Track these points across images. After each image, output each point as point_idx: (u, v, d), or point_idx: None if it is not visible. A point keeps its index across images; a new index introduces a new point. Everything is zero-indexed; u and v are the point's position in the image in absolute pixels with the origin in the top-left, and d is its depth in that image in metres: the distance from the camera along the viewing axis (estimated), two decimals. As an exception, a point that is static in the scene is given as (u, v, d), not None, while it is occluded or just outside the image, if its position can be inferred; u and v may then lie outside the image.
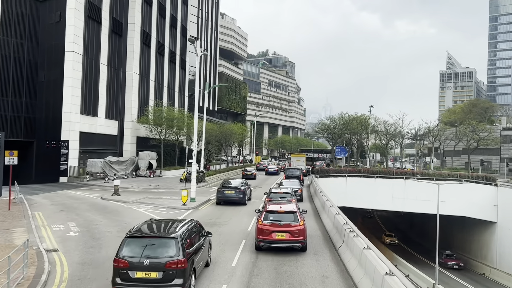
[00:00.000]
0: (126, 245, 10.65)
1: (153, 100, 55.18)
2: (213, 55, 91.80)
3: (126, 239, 10.81)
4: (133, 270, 10.25)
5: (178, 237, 10.81)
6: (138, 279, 10.24)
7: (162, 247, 10.69)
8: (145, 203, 27.67)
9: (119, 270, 10.35)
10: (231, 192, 28.88)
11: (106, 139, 48.44)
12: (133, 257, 10.38)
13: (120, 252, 10.54)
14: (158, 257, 10.44)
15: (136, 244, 10.69)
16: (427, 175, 43.05)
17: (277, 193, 24.21)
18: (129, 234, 11.02)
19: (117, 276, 10.37)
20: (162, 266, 10.27)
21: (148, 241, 10.87)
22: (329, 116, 53.55)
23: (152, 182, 42.73)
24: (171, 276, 10.28)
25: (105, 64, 47.16)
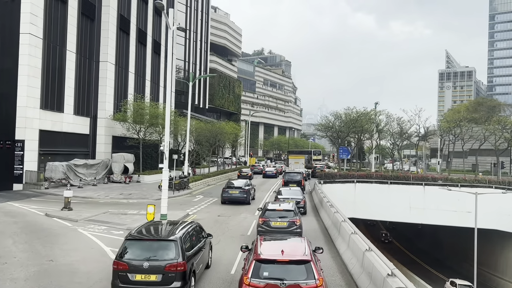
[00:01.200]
0: (127, 246, 10.62)
1: (132, 95, 48.41)
2: (203, 49, 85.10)
3: (126, 241, 10.78)
4: (132, 273, 10.15)
5: (178, 240, 10.75)
6: (137, 282, 10.16)
7: (162, 249, 10.62)
8: (100, 221, 21.02)
9: (118, 273, 10.24)
10: (236, 192, 30.06)
11: (75, 139, 41.66)
12: (133, 259, 10.28)
13: (119, 254, 10.46)
14: (158, 259, 10.36)
15: (136, 247, 10.65)
16: (450, 181, 36.68)
17: (275, 211, 17.49)
18: (129, 237, 10.96)
19: (117, 279, 10.26)
20: (161, 269, 10.20)
21: (148, 243, 10.87)
22: (334, 112, 47.11)
23: (125, 190, 36.05)
24: (171, 279, 10.20)
25: (73, 51, 40.40)
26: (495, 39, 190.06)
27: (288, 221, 16.61)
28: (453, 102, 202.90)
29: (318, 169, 60.26)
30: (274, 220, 16.68)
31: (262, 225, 16.64)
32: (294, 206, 18.24)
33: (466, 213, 35.41)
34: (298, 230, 16.53)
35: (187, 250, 10.91)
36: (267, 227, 16.46)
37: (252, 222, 22.05)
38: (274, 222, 16.55)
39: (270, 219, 16.71)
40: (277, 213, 17.14)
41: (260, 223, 16.81)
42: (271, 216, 16.97)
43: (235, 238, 18.33)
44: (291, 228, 16.42)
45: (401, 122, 47.14)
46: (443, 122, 50.87)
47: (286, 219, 16.70)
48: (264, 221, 16.74)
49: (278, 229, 16.37)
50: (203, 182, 43.66)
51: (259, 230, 16.53)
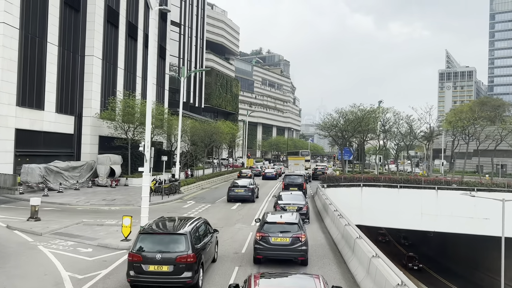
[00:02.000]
0: (140, 241, 11.22)
1: (121, 92, 45.18)
2: (199, 45, 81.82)
3: (140, 235, 11.39)
4: (146, 264, 10.76)
5: (188, 234, 11.39)
6: (150, 272, 10.75)
7: (173, 242, 11.28)
8: (68, 235, 17.83)
9: (133, 264, 10.87)
10: (241, 190, 31.34)
11: (57, 139, 38.45)
12: (146, 251, 10.92)
13: (134, 247, 11.12)
14: (169, 252, 10.99)
15: (149, 240, 11.30)
16: (465, 184, 33.60)
17: (275, 224, 14.43)
18: (143, 231, 11.70)
19: (132, 269, 10.88)
20: (173, 260, 10.80)
21: (160, 237, 11.59)
22: (338, 109, 43.81)
23: (110, 195, 32.85)
24: (181, 270, 10.77)
25: (55, 44, 37.22)
26: (495, 38, 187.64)
27: (291, 236, 13.81)
28: (453, 102, 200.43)
29: (319, 171, 57.21)
30: (275, 235, 13.88)
31: (259, 242, 13.87)
32: (298, 218, 15.20)
33: (483, 220, 32.37)
34: (303, 247, 13.80)
35: (196, 243, 11.65)
36: (265, 243, 13.76)
37: (248, 235, 18.93)
38: (275, 238, 13.81)
39: (269, 234, 13.90)
40: (278, 227, 14.21)
41: (258, 238, 13.98)
42: (271, 230, 14.08)
43: (227, 258, 15.20)
44: (294, 245, 13.70)
45: (411, 120, 43.97)
46: (452, 121, 47.52)
47: (289, 234, 13.87)
48: (262, 237, 13.92)
49: (279, 246, 13.74)
50: (197, 185, 40.50)
51: (256, 248, 13.88)
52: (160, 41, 58.04)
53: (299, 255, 13.79)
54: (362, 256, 12.51)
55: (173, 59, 70.21)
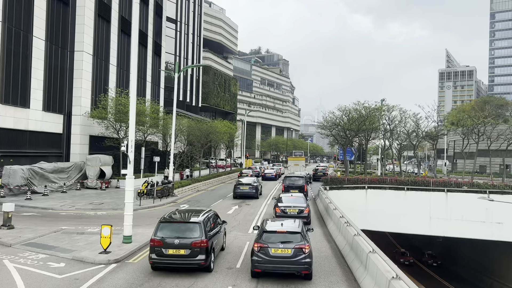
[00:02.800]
0: (160, 229, 12.96)
1: (114, 89, 43.13)
2: (196, 43, 79.73)
3: (160, 224, 13.14)
4: (166, 248, 12.49)
5: (201, 222, 13.10)
6: (170, 255, 12.51)
7: (189, 230, 12.95)
8: (42, 246, 15.81)
9: (154, 248, 12.61)
10: (246, 188, 33.66)
11: (44, 139, 36.46)
12: (166, 237, 12.65)
13: (155, 234, 12.82)
14: (186, 237, 12.67)
15: (168, 228, 13.05)
16: (476, 186, 31.64)
17: (275, 233, 12.77)
18: (163, 220, 13.48)
19: (153, 253, 12.61)
20: (189, 245, 12.49)
21: (178, 225, 13.29)
22: (341, 107, 41.70)
23: (98, 198, 30.85)
24: (196, 253, 12.49)
25: (41, 38, 35.21)
26: (495, 38, 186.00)
27: (294, 247, 12.25)
28: (453, 102, 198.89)
29: (320, 172, 55.26)
30: (275, 246, 12.32)
31: (258, 253, 12.32)
32: (301, 226, 13.51)
33: (496, 224, 30.44)
34: (307, 260, 12.21)
35: (208, 231, 13.25)
36: (264, 255, 12.23)
37: (245, 245, 16.92)
38: (275, 249, 12.28)
39: (269, 245, 12.35)
40: (278, 236, 12.61)
41: (256, 249, 12.42)
42: (271, 240, 12.50)
43: (218, 275, 13.19)
44: (297, 258, 12.17)
45: (418, 118, 41.90)
46: (462, 119, 45.34)
47: (291, 245, 12.31)
48: (260, 248, 12.35)
49: (280, 259, 12.21)
50: (192, 187, 38.50)
51: (254, 260, 12.32)
52: (155, 37, 56.03)
53: (302, 269, 12.27)
54: (379, 275, 10.52)
55: (169, 57, 68.21)
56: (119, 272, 13.06)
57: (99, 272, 12.95)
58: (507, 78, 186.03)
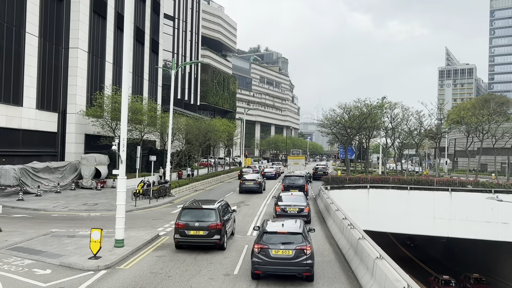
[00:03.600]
0: (183, 214, 15.73)
1: (109, 87, 42.21)
2: (194, 40, 78.72)
3: (183, 210, 16.04)
4: (188, 229, 15.31)
5: (217, 209, 15.97)
6: (191, 235, 15.33)
7: (206, 215, 15.75)
8: (29, 251, 14.96)
9: (178, 229, 15.41)
10: (251, 183, 36.29)
11: (38, 138, 35.60)
12: (188, 221, 15.42)
13: (179, 218, 15.57)
14: (204, 221, 15.44)
15: (189, 213, 15.84)
16: (480, 185, 30.82)
17: (276, 234, 12.48)
18: (185, 207, 16.46)
19: (177, 233, 15.44)
20: (206, 227, 15.28)
21: (197, 211, 16.19)
22: (342, 104, 40.77)
23: (93, 198, 30.02)
24: (212, 234, 15.24)
25: (34, 34, 34.30)
26: (495, 35, 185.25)
27: (295, 248, 12.00)
28: (453, 100, 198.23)
29: (320, 170, 54.47)
30: (276, 247, 12.06)
31: (258, 255, 12.06)
32: (303, 226, 13.26)
33: (502, 224, 29.65)
34: (308, 261, 11.94)
35: (222, 216, 15.97)
36: (265, 257, 11.99)
37: (243, 249, 16.11)
38: (276, 251, 12.03)
39: (269, 246, 12.09)
40: (279, 237, 12.32)
41: (256, 251, 12.14)
42: (271, 241, 12.23)
43: (215, 283, 12.36)
44: (298, 259, 11.91)
45: (421, 116, 41.01)
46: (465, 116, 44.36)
47: (292, 246, 12.05)
48: (261, 249, 12.08)
49: (281, 260, 11.96)
50: (189, 187, 37.66)
51: (255, 261, 12.08)
52: (152, 34, 55.12)
53: (303, 270, 11.99)
54: (387, 285, 9.70)
55: (167, 55, 67.24)
56: (108, 279, 12.23)
57: (87, 279, 12.12)
58: (507, 76, 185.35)
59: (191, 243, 15.51)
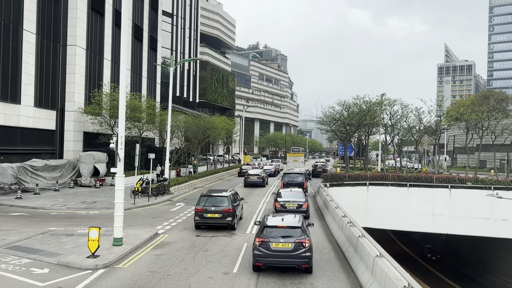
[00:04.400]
0: (201, 201, 19.13)
1: (108, 85, 42.08)
2: (193, 37, 78.48)
3: (201, 197, 19.46)
4: (206, 213, 18.76)
5: (229, 196, 19.61)
6: (208, 218, 18.82)
7: (220, 201, 19.15)
8: (27, 249, 14.87)
9: (198, 213, 18.91)
10: (254, 178, 39.39)
11: (37, 136, 35.47)
12: (206, 206, 18.88)
13: (198, 204, 19.06)
14: (219, 206, 18.93)
15: (206, 200, 19.17)
16: (480, 182, 30.77)
17: (276, 228, 13.06)
18: (203, 194, 19.83)
19: (197, 216, 18.98)
20: (221, 211, 18.78)
21: (213, 198, 19.32)
22: (341, 101, 40.66)
23: (92, 196, 29.92)
24: (226, 216, 18.77)
25: (32, 32, 34.12)
26: (494, 32, 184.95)
27: (294, 241, 12.58)
28: (452, 97, 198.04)
29: (319, 168, 54.40)
30: (276, 240, 12.65)
31: (259, 248, 12.64)
32: (302, 221, 13.79)
33: (501, 221, 29.62)
34: (307, 254, 12.53)
35: (232, 202, 19.49)
36: (265, 250, 12.57)
37: (242, 247, 16.04)
38: (276, 244, 12.61)
39: (270, 239, 12.66)
40: (279, 231, 12.91)
41: (257, 244, 12.72)
42: (272, 235, 12.81)
43: (214, 282, 12.28)
44: (297, 252, 12.50)
45: (421, 112, 40.92)
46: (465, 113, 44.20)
47: (291, 239, 12.64)
48: (262, 242, 12.66)
49: (281, 253, 12.56)
50: (189, 184, 37.56)
51: (256, 254, 12.65)
52: (150, 31, 54.93)
53: (302, 262, 12.60)
54: (388, 283, 9.62)
55: (166, 52, 67.01)
56: (106, 278, 12.15)
57: (85, 279, 12.03)
58: (505, 72, 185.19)
59: (208, 223, 19.05)
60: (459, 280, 38.78)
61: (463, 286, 37.29)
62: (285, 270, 13.03)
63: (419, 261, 45.15)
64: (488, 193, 24.87)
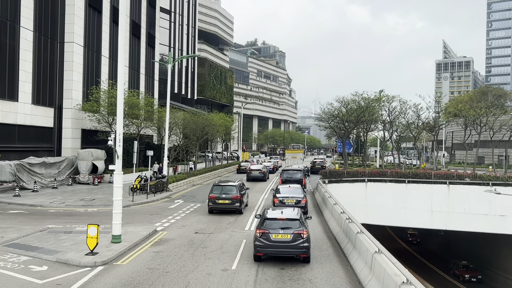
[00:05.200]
0: (214, 189, 22.98)
1: (106, 82, 41.95)
2: (191, 34, 78.27)
3: (213, 186, 23.27)
4: (217, 199, 22.47)
5: (237, 185, 23.26)
6: (219, 203, 22.54)
7: (229, 189, 22.82)
8: (25, 247, 14.86)
9: (211, 199, 22.65)
10: (257, 173, 42.27)
11: (35, 133, 35.36)
12: (217, 193, 22.63)
13: (211, 192, 22.86)
14: (228, 194, 22.59)
15: (218, 188, 22.94)
16: (478, 178, 30.82)
17: (276, 220, 13.83)
18: (215, 184, 23.68)
19: (210, 202, 22.74)
20: (230, 197, 22.42)
21: (223, 187, 22.96)
22: (339, 98, 40.59)
23: (90, 194, 29.91)
24: (234, 202, 22.41)
25: (29, 29, 33.96)
26: (492, 28, 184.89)
27: (293, 233, 13.31)
28: (450, 93, 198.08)
29: (318, 164, 54.42)
30: (275, 232, 13.39)
31: (260, 239, 13.40)
32: (300, 214, 14.52)
33: (500, 217, 29.70)
34: (305, 244, 13.27)
35: (240, 191, 23.14)
36: (266, 240, 13.32)
37: (241, 244, 16.07)
38: (275, 235, 13.35)
39: (270, 231, 13.42)
40: (279, 223, 13.68)
41: (258, 235, 13.48)
42: (272, 226, 13.57)
43: (212, 278, 12.29)
44: (296, 242, 13.23)
45: (419, 109, 40.93)
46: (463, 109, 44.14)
47: (290, 231, 13.37)
48: (262, 233, 13.42)
49: (280, 243, 13.29)
50: (187, 181, 37.56)
51: (257, 245, 13.42)
52: (148, 28, 54.73)
53: (301, 252, 13.31)
54: (386, 279, 9.64)
55: (164, 49, 66.84)
56: (105, 275, 12.14)
57: (83, 276, 12.02)
58: (503, 68, 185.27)
59: (219, 208, 22.70)
60: (456, 275, 38.93)
61: (464, 283, 37.46)
62: (284, 267, 13.06)
63: (418, 258, 45.36)
64: (487, 189, 24.92)
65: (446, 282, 38.14)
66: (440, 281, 38.28)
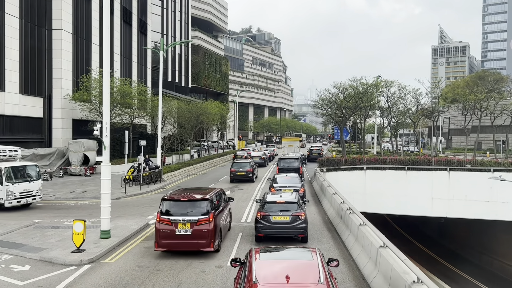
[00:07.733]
0: (234, 165, 31.93)
1: (96, 70, 40.76)
2: (184, 21, 76.64)
3: (233, 163, 33.23)
4: (236, 172, 31.27)
5: (250, 161, 33.40)
6: (238, 174, 31.35)
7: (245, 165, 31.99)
8: (9, 244, 14.02)
9: (232, 172, 31.30)
10: (257, 159, 43.90)
11: (24, 124, 34.30)
12: (236, 168, 31.48)
13: (232, 167, 31.70)
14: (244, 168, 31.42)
15: (237, 164, 32.39)
16: (479, 164, 30.15)
17: (275, 203, 14.84)
18: (234, 161, 34.71)
19: (231, 174, 31.17)
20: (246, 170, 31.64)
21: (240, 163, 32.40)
22: (337, 84, 39.58)
23: (81, 185, 29.05)
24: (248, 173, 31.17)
25: (15, 15, 32.67)
26: (488, 12, 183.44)
27: (291, 215, 14.26)
28: (446, 78, 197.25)
29: (315, 152, 53.67)
30: (275, 214, 14.34)
31: (261, 221, 14.37)
32: (298, 197, 15.53)
33: (501, 203, 29.12)
34: (303, 225, 14.26)
35: (252, 166, 32.65)
36: (266, 222, 14.28)
37: (237, 237, 15.35)
38: (275, 217, 14.30)
39: (270, 213, 14.34)
40: (278, 206, 14.62)
41: (259, 217, 14.47)
42: (272, 209, 14.49)
43: (208, 274, 11.53)
44: (294, 223, 14.22)
45: (418, 94, 40.08)
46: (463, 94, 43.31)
47: (289, 213, 14.31)
48: (263, 216, 14.38)
49: (280, 224, 14.25)
50: (182, 172, 36.70)
51: (258, 226, 14.42)
52: (140, 15, 53.31)
53: (299, 233, 14.23)
54: (394, 276, 8.89)
55: (156, 36, 65.32)
56: (92, 275, 11.35)
57: (68, 276, 11.23)
58: (499, 53, 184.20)
59: (238, 178, 31.14)
60: (455, 261, 38.53)
61: (457, 267, 37.07)
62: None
63: (417, 245, 44.88)
64: (491, 176, 24.29)
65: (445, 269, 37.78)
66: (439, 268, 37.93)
